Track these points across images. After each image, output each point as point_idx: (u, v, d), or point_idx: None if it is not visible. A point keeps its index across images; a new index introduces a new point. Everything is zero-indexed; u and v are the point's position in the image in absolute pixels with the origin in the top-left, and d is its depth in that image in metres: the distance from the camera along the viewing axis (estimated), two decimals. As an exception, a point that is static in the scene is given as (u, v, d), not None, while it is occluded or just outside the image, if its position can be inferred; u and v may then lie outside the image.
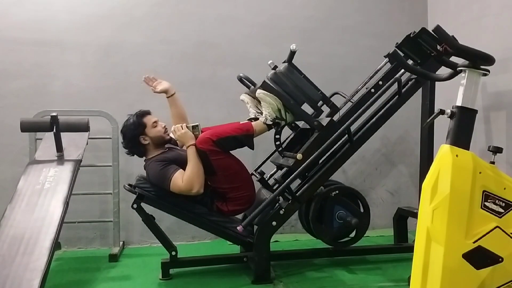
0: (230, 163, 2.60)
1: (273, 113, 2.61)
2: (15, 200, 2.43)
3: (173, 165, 2.54)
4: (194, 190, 2.49)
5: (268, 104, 2.60)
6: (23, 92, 3.33)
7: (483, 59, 1.61)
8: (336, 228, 2.72)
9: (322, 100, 2.76)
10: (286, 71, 2.66)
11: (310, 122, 2.66)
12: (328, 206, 2.70)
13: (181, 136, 2.59)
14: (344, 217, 2.69)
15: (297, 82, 2.67)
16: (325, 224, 2.70)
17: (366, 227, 2.77)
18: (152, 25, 3.52)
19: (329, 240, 2.76)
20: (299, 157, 2.55)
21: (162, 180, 2.52)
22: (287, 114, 2.64)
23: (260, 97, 2.62)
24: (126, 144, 2.68)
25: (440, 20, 2.24)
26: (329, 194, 2.70)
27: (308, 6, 3.74)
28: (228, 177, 2.57)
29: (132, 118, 2.66)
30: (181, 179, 2.49)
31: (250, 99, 2.82)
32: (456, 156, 1.58)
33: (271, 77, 2.63)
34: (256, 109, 2.77)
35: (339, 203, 2.71)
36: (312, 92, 2.71)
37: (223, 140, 2.53)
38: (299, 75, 2.69)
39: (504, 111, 2.98)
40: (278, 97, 2.59)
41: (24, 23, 3.33)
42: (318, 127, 2.62)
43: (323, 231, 2.72)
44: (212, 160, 2.52)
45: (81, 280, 2.65)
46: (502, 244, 1.57)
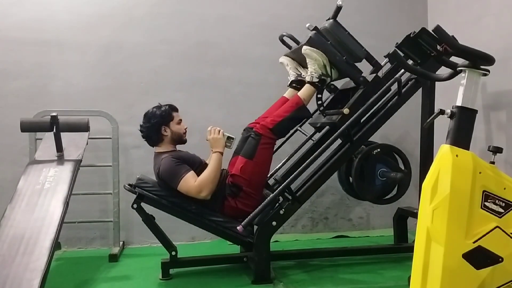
0: (267, 160, 2.63)
1: (319, 70, 2.61)
2: (15, 200, 2.44)
3: (185, 165, 2.56)
4: (202, 194, 2.50)
5: (314, 61, 2.60)
6: (23, 92, 3.33)
7: (483, 59, 1.61)
8: (379, 185, 2.72)
9: (366, 58, 2.76)
10: (331, 27, 2.65)
11: (356, 77, 2.66)
12: (370, 165, 2.69)
13: (214, 139, 2.64)
14: (387, 174, 2.69)
15: (342, 38, 2.67)
16: (368, 182, 2.70)
17: (408, 184, 2.77)
18: (152, 25, 3.52)
19: (372, 197, 2.76)
20: (346, 111, 2.53)
21: (173, 176, 2.52)
22: (332, 71, 2.64)
23: (306, 53, 2.61)
24: (146, 127, 2.68)
25: (440, 20, 2.24)
26: (370, 152, 2.69)
27: (308, 6, 3.74)
28: (256, 170, 2.59)
29: (164, 107, 2.70)
30: (193, 180, 2.50)
31: (290, 61, 2.83)
32: (456, 156, 1.58)
33: (316, 34, 2.61)
34: (296, 71, 2.78)
35: (380, 161, 2.71)
36: (357, 48, 2.71)
37: (280, 125, 2.59)
38: (344, 31, 2.69)
39: (504, 111, 2.98)
40: (324, 53, 2.58)
41: (24, 23, 3.33)
42: (364, 83, 2.62)
43: (366, 189, 2.72)
44: (260, 145, 2.56)
45: (81, 280, 2.65)
46: (502, 244, 1.57)
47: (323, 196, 3.71)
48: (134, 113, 2.75)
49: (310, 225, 3.73)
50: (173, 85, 3.54)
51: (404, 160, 2.80)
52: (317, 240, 3.57)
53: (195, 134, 2.88)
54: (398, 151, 2.82)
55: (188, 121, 3.24)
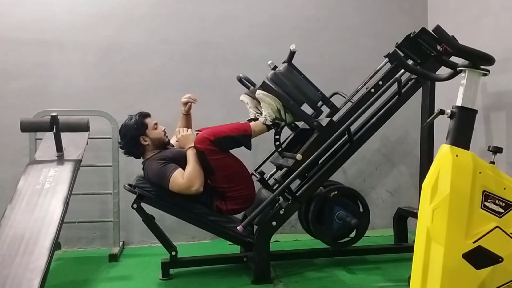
0: (228, 162, 2.60)
1: (273, 114, 2.61)
2: (15, 200, 2.43)
3: (172, 164, 2.55)
4: (194, 188, 2.49)
5: (267, 105, 2.60)
6: (23, 92, 3.33)
7: (483, 59, 1.61)
8: (336, 228, 2.71)
9: (321, 101, 2.76)
10: (285, 71, 2.66)
11: (310, 122, 2.66)
12: (328, 207, 2.69)
13: (183, 137, 2.62)
14: (344, 217, 2.69)
15: (296, 82, 2.67)
16: (325, 225, 2.70)
17: (366, 227, 2.77)
18: (152, 25, 3.52)
19: (329, 240, 2.76)
20: (299, 157, 2.55)
21: (162, 178, 2.52)
22: (286, 115, 2.64)
23: (259, 97, 2.62)
24: (125, 144, 2.68)
25: (440, 20, 2.24)
26: (328, 194, 2.70)
27: (308, 6, 3.74)
28: (226, 177, 2.58)
29: (134, 118, 2.67)
30: (181, 177, 2.50)
31: (250, 100, 2.82)
32: (456, 156, 1.58)
33: (270, 78, 2.64)
34: (256, 110, 2.77)
35: (338, 204, 2.71)
36: (311, 93, 2.71)
37: (221, 140, 2.54)
38: (299, 75, 2.70)
39: (504, 111, 2.98)
40: (278, 98, 2.59)
41: (24, 23, 3.33)
42: (317, 128, 2.62)
43: (323, 232, 2.72)
44: (210, 160, 2.53)
45: (81, 280, 2.65)
46: (502, 244, 1.57)
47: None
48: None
49: (310, 225, 3.73)
50: (173, 85, 3.54)
51: (362, 202, 2.78)
52: (317, 240, 3.55)
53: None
54: (356, 194, 2.80)
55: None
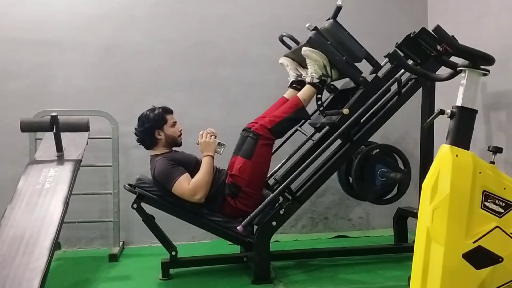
0: (267, 160, 2.63)
1: (319, 70, 2.61)
2: (15, 200, 2.43)
3: (180, 167, 2.56)
4: (197, 197, 2.50)
5: (313, 61, 2.60)
6: (23, 92, 3.33)
7: (483, 59, 1.61)
8: (379, 186, 2.72)
9: (365, 58, 2.76)
10: (331, 27, 2.65)
11: (356, 77, 2.65)
12: (370, 165, 2.69)
13: (206, 142, 2.64)
14: (387, 174, 2.69)
15: (342, 38, 2.66)
16: (368, 183, 2.70)
17: (408, 184, 2.77)
18: (152, 25, 3.52)
19: (372, 197, 2.76)
20: (346, 111, 2.53)
21: (168, 179, 2.52)
22: (332, 71, 2.63)
23: (306, 54, 2.60)
24: (140, 132, 2.68)
25: (440, 20, 2.24)
26: (370, 153, 2.69)
27: (308, 6, 3.74)
28: (255, 169, 2.58)
29: (157, 110, 2.68)
30: (187, 182, 2.50)
31: (290, 61, 2.83)
32: (456, 156, 1.58)
33: (316, 33, 2.60)
34: (296, 72, 2.78)
35: (380, 162, 2.71)
36: (357, 49, 2.71)
37: (278, 126, 2.59)
38: (344, 31, 2.69)
39: (504, 111, 2.98)
40: (324, 53, 2.58)
41: (24, 23, 3.33)
42: (363, 83, 2.62)
43: (366, 190, 2.72)
44: (259, 145, 2.55)
45: (81, 280, 2.65)
46: (502, 244, 1.57)
47: (323, 196, 3.71)
48: (134, 113, 2.75)
49: (310, 225, 3.73)
50: (173, 85, 3.54)
51: (404, 160, 2.80)
52: (317, 240, 3.57)
53: (195, 134, 2.87)
54: (398, 151, 2.82)
55: (188, 121, 3.25)
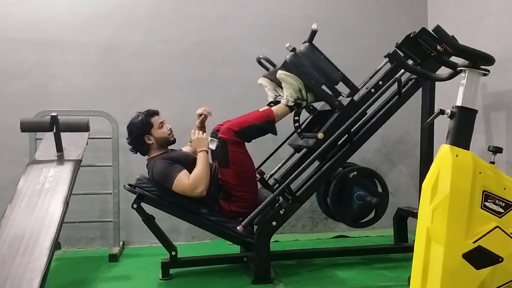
0: (246, 160, 2.60)
1: (294, 94, 2.60)
2: (15, 200, 2.43)
3: (178, 165, 2.56)
4: (198, 191, 2.49)
5: (289, 85, 2.59)
6: (23, 92, 3.33)
7: (483, 59, 1.61)
8: (356, 208, 2.71)
9: (342, 81, 2.75)
10: (306, 51, 2.64)
11: (331, 101, 2.65)
12: (347, 187, 2.68)
13: (198, 139, 2.64)
14: (364, 197, 2.69)
15: (318, 62, 2.66)
16: (345, 205, 2.69)
17: (385, 207, 2.76)
18: (152, 25, 3.53)
19: (349, 221, 2.75)
20: (320, 136, 2.54)
21: (166, 178, 2.52)
22: (308, 95, 2.63)
23: (281, 77, 2.61)
24: (130, 141, 2.70)
25: (440, 20, 2.24)
26: (347, 175, 2.69)
27: (308, 6, 3.74)
28: (239, 174, 2.57)
29: (140, 116, 2.67)
30: (187, 178, 2.50)
31: (268, 82, 2.82)
32: (456, 156, 1.58)
33: (291, 57, 2.61)
34: (275, 92, 2.77)
35: (357, 184, 2.70)
36: (333, 72, 2.70)
37: (245, 130, 2.55)
38: (320, 55, 2.68)
39: (504, 111, 2.98)
40: (299, 77, 2.57)
41: (24, 23, 3.33)
42: (339, 107, 2.61)
43: (342, 212, 2.71)
44: (230, 151, 2.52)
45: (81, 280, 2.65)
46: (502, 244, 1.57)
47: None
48: (134, 113, 2.75)
49: (310, 225, 3.73)
50: (173, 85, 3.54)
51: (382, 183, 2.78)
52: (317, 240, 3.57)
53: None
54: (375, 174, 2.80)
55: (188, 121, 3.26)
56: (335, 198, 2.68)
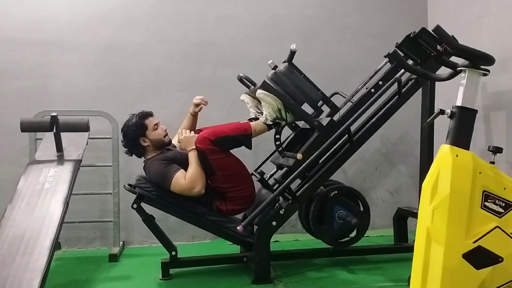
0: (229, 162, 2.59)
1: (273, 113, 2.61)
2: (15, 200, 2.43)
3: (174, 165, 2.55)
4: (196, 189, 2.49)
5: (268, 104, 2.60)
6: (23, 92, 3.33)
7: (483, 59, 1.61)
8: (337, 228, 2.71)
9: (322, 100, 2.76)
10: (286, 71, 2.66)
11: (310, 122, 2.66)
12: (328, 206, 2.69)
13: (186, 138, 2.63)
14: (344, 217, 2.69)
15: (297, 82, 2.67)
16: (326, 225, 2.70)
17: (367, 227, 2.77)
18: (152, 25, 3.53)
19: (329, 240, 2.76)
20: (299, 157, 2.55)
21: (163, 178, 2.52)
22: (287, 114, 2.64)
23: (260, 97, 2.62)
24: (126, 144, 2.69)
25: (440, 20, 2.24)
26: (328, 194, 2.70)
27: (308, 6, 3.74)
28: (227, 177, 2.57)
29: (134, 119, 2.66)
30: (184, 178, 2.50)
31: (250, 99, 2.82)
32: (456, 156, 1.58)
33: (271, 77, 2.63)
34: (256, 109, 2.77)
35: (338, 203, 2.70)
36: (312, 92, 2.71)
37: (221, 140, 2.53)
38: (299, 75, 2.69)
39: (504, 111, 2.98)
40: (278, 97, 2.59)
41: (24, 23, 3.33)
42: (318, 127, 2.62)
43: (323, 232, 2.72)
44: (210, 159, 2.52)
45: (81, 280, 2.65)
46: (502, 244, 1.57)
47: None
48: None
49: (310, 225, 3.73)
50: (173, 85, 3.54)
51: (363, 202, 2.77)
52: (317, 240, 3.55)
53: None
54: (356, 193, 2.80)
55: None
56: (316, 217, 2.68)
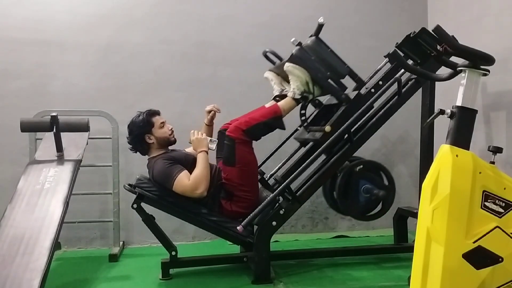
0: (251, 160, 2.61)
1: (301, 87, 2.60)
2: (15, 200, 2.43)
3: (178, 165, 2.56)
4: (198, 191, 2.49)
5: (296, 77, 2.60)
6: (23, 92, 3.33)
7: (483, 59, 1.61)
8: (363, 202, 2.71)
9: (349, 75, 2.75)
10: (313, 44, 2.65)
11: (338, 95, 2.65)
12: (353, 181, 2.69)
13: (197, 140, 2.63)
14: (371, 190, 2.68)
15: (324, 55, 2.66)
16: (352, 199, 2.70)
17: (392, 200, 2.76)
18: (152, 25, 3.52)
19: (356, 214, 2.76)
20: (328, 129, 2.54)
21: (167, 178, 2.52)
22: (315, 88, 2.63)
23: (288, 70, 2.61)
24: (131, 140, 2.70)
25: (440, 20, 2.24)
26: (353, 169, 2.69)
27: (308, 6, 3.74)
28: (243, 173, 2.57)
29: (142, 116, 2.67)
30: (187, 178, 2.50)
31: (274, 76, 2.83)
32: (456, 156, 1.58)
33: (298, 50, 2.61)
34: (280, 86, 2.78)
35: (364, 177, 2.70)
36: (339, 66, 2.70)
37: (253, 128, 2.55)
38: (326, 48, 2.69)
39: (504, 111, 2.98)
40: (307, 70, 2.58)
41: (24, 23, 3.33)
42: (346, 100, 2.62)
43: (349, 206, 2.72)
44: (237, 149, 2.53)
45: (81, 280, 2.65)
46: (502, 244, 1.57)
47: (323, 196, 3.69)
48: (134, 113, 2.75)
49: (310, 225, 3.73)
50: (173, 85, 3.54)
51: (388, 176, 2.78)
52: (317, 240, 3.57)
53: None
54: (382, 167, 2.80)
55: (188, 121, 3.26)
56: (342, 192, 2.68)
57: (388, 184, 2.76)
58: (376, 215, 2.78)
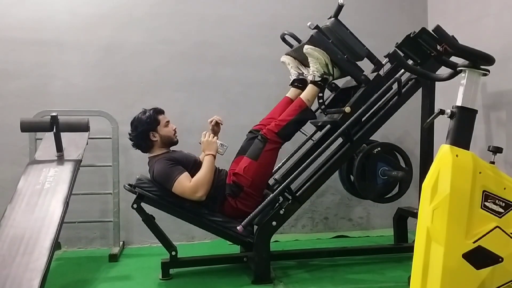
0: (271, 163, 2.66)
1: (321, 68, 2.61)
2: (15, 200, 2.43)
3: (179, 166, 2.56)
4: (198, 194, 2.50)
5: (315, 59, 2.60)
6: (23, 92, 3.33)
7: (483, 59, 1.61)
8: (380, 184, 2.72)
9: (367, 56, 2.76)
10: (333, 26, 2.65)
11: (357, 76, 2.66)
12: (371, 163, 2.70)
13: (208, 141, 2.64)
14: (388, 173, 2.69)
15: (344, 37, 2.67)
16: (369, 181, 2.70)
17: (409, 182, 2.77)
18: (152, 25, 3.52)
19: (374, 196, 2.77)
20: (348, 110, 2.54)
21: (167, 178, 2.52)
22: (334, 69, 2.64)
23: (307, 52, 2.61)
24: (134, 136, 2.69)
25: (440, 20, 2.23)
26: (371, 151, 2.69)
27: (308, 6, 3.74)
28: (260, 170, 2.59)
29: (148, 112, 2.67)
30: (188, 180, 2.50)
31: (291, 60, 2.84)
32: (456, 156, 1.58)
33: (317, 32, 2.60)
34: (298, 70, 2.79)
35: (381, 160, 2.71)
36: (358, 47, 2.70)
37: (285, 129, 2.60)
38: (346, 30, 2.69)
39: (504, 111, 2.98)
40: (326, 51, 2.58)
41: (24, 23, 3.33)
42: (365, 81, 2.63)
43: (367, 188, 2.73)
44: (266, 147, 2.57)
45: (81, 280, 2.65)
46: (502, 244, 1.57)
47: (323, 196, 3.71)
48: (134, 113, 2.75)
49: (310, 225, 3.73)
50: (173, 85, 3.54)
51: (405, 158, 2.80)
52: (317, 240, 3.57)
53: (195, 134, 2.88)
54: (399, 149, 2.82)
55: (188, 121, 3.26)
56: (360, 174, 2.69)
57: (406, 166, 2.77)
58: (393, 197, 2.80)
